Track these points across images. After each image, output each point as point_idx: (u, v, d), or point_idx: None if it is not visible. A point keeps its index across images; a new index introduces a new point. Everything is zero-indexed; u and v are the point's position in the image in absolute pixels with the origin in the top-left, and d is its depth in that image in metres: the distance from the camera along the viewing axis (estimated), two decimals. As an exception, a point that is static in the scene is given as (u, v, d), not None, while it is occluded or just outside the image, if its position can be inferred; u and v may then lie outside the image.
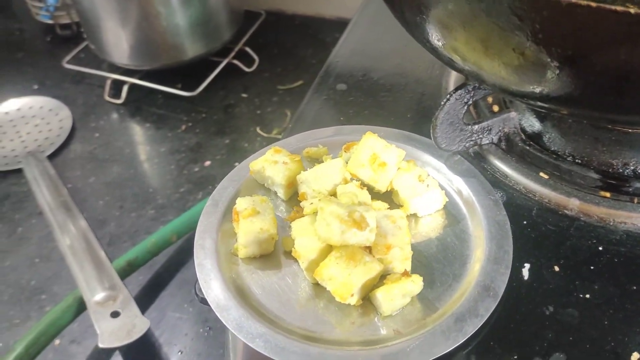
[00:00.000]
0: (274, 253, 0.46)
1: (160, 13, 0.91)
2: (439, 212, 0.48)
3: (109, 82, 1.00)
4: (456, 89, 0.48)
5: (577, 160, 0.50)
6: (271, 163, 0.49)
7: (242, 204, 0.46)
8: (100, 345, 0.59)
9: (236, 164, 0.86)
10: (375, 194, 0.48)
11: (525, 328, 0.40)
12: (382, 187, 0.48)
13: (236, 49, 1.02)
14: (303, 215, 0.46)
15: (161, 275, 0.73)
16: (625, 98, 0.35)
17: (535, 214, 0.47)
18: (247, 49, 1.03)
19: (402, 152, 0.48)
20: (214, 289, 0.43)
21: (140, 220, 0.80)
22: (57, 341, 0.65)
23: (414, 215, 0.47)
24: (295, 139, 0.54)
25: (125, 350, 0.66)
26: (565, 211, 0.47)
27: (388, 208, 0.46)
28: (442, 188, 0.48)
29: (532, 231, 0.46)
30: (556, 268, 0.44)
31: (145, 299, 0.67)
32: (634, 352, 0.38)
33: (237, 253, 0.45)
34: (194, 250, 0.45)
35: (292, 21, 1.12)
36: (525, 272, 0.43)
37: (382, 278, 0.42)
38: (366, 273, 0.41)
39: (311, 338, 0.41)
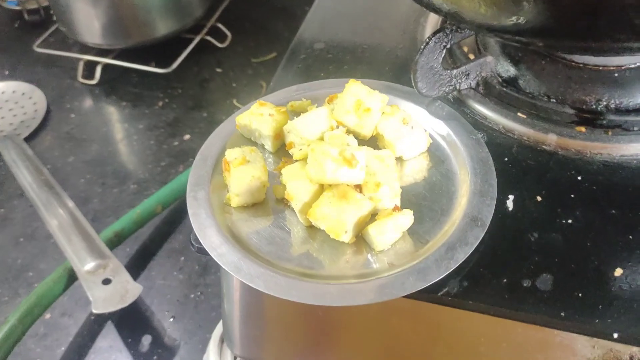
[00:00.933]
0: (265, 201, 0.47)
1: (131, -11, 0.90)
2: (424, 154, 0.49)
3: (81, 63, 0.98)
4: (434, 33, 0.49)
5: (552, 99, 0.52)
6: (257, 116, 0.50)
7: (231, 154, 0.46)
8: (95, 311, 0.59)
9: (216, 135, 0.87)
10: (361, 141, 0.49)
11: (512, 254, 0.42)
12: (367, 132, 0.49)
13: (208, 25, 1.02)
14: (292, 164, 0.47)
15: (148, 246, 0.73)
16: (598, 22, 0.37)
17: (516, 151, 0.49)
18: (219, 25, 1.03)
19: (385, 97, 0.49)
20: (210, 235, 0.43)
21: (122, 195, 0.80)
22: (47, 315, 0.64)
23: (400, 159, 0.48)
24: (279, 94, 0.55)
25: (118, 318, 0.66)
26: (544, 146, 0.49)
27: (375, 150, 0.47)
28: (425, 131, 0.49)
29: (514, 167, 0.48)
30: (539, 198, 0.45)
31: (134, 269, 0.67)
32: (617, 268, 0.41)
33: (230, 202, 0.46)
34: (187, 201, 0.46)
35: (262, -5, 1.12)
36: (510, 204, 0.45)
37: (373, 217, 0.44)
38: (358, 210, 0.42)
39: (308, 275, 0.42)
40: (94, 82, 0.97)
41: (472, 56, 0.57)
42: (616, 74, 0.52)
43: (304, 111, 0.52)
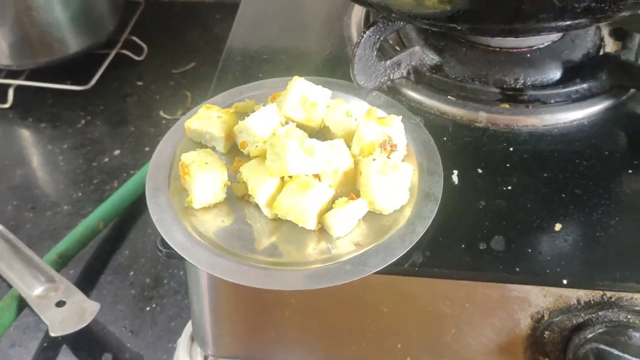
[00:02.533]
0: (225, 200, 0.48)
1: (39, 6, 0.86)
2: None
3: (-10, 87, 0.94)
4: (368, 27, 0.52)
5: (476, 81, 0.56)
6: (206, 119, 0.51)
7: (188, 157, 0.47)
8: (52, 334, 0.57)
9: (147, 148, 0.86)
10: (310, 134, 0.52)
11: (465, 221, 0.46)
12: (315, 125, 0.51)
13: (122, 39, 1.00)
14: (247, 162, 0.48)
15: (94, 265, 0.71)
16: (523, 5, 0.41)
17: (452, 130, 0.53)
18: (134, 38, 1.01)
19: (328, 91, 0.52)
20: (178, 237, 0.44)
21: (57, 217, 0.77)
22: (-7, 350, 0.62)
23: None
24: (221, 97, 0.56)
25: (73, 341, 0.64)
26: (476, 124, 0.54)
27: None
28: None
29: (453, 145, 0.52)
30: (479, 170, 0.50)
31: (82, 290, 0.64)
32: (556, 223, 0.45)
33: (192, 204, 0.46)
34: (149, 208, 0.46)
35: (172, 7, 1.11)
36: (455, 178, 0.49)
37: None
38: (320, 198, 0.44)
39: (280, 264, 0.43)
40: (6, 105, 0.92)
41: (398, 49, 0.61)
42: (528, 55, 0.58)
43: (249, 111, 0.54)
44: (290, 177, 0.45)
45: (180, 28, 1.06)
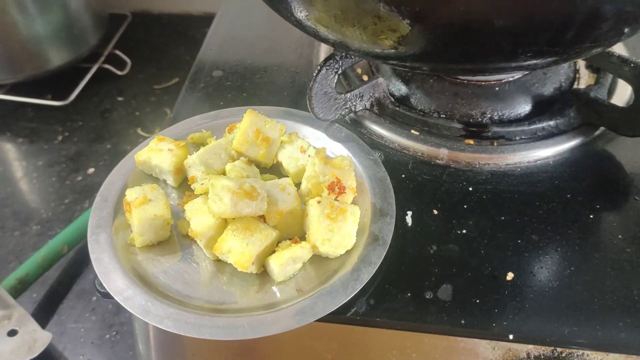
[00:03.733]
0: (170, 238, 0.47)
1: (18, 21, 0.86)
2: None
3: (-31, 101, 0.93)
4: (326, 60, 0.51)
5: (442, 115, 0.55)
6: (156, 152, 0.49)
7: (132, 194, 0.46)
8: (0, 367, 0.56)
9: (121, 167, 0.85)
10: (262, 169, 0.50)
11: (414, 268, 0.44)
12: (268, 161, 0.50)
13: (105, 53, 0.99)
14: (195, 198, 0.47)
15: (56, 290, 0.70)
16: (469, 46, 0.39)
17: (412, 167, 0.51)
18: (118, 52, 1.00)
19: (283, 125, 0.50)
20: (114, 280, 0.43)
21: (24, 237, 0.76)
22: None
23: (299, 185, 0.49)
24: (178, 127, 0.55)
25: (29, 370, 0.63)
26: (437, 161, 0.52)
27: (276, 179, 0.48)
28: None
29: (410, 182, 0.50)
30: (435, 211, 0.48)
31: (42, 315, 0.64)
32: (508, 272, 0.43)
33: (134, 243, 0.45)
34: (89, 245, 0.45)
35: (160, 20, 1.10)
36: (409, 219, 0.47)
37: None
38: (263, 240, 0.43)
39: (219, 310, 0.42)
40: (-15, 119, 0.92)
41: (365, 77, 0.60)
42: (497, 88, 0.56)
43: (204, 143, 0.53)
44: (234, 218, 0.44)
45: (166, 42, 1.05)
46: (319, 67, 0.50)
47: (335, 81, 0.51)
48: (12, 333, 0.59)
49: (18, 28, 0.87)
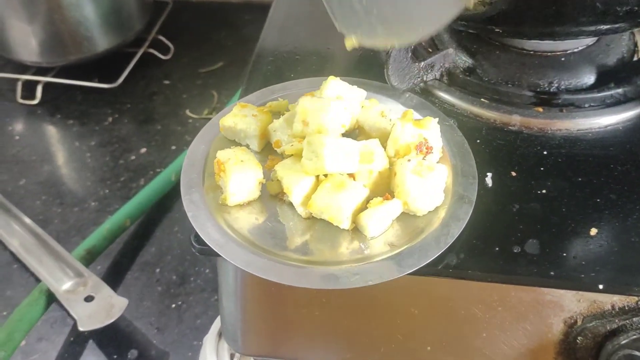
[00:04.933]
0: (259, 198, 0.48)
1: (70, 4, 0.88)
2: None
3: (19, 83, 0.95)
4: (404, 28, 0.52)
5: (510, 85, 0.56)
6: (241, 117, 0.51)
7: (224, 155, 0.47)
8: (81, 329, 0.58)
9: (173, 147, 0.87)
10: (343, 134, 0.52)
11: (499, 225, 0.46)
12: (349, 125, 0.51)
13: (150, 38, 1.01)
14: (281, 160, 0.48)
15: (120, 262, 0.72)
16: (563, 8, 0.41)
17: (485, 133, 0.53)
18: (161, 38, 1.02)
19: (363, 91, 0.52)
20: (212, 234, 0.44)
21: (84, 213, 0.78)
22: (22, 342, 0.62)
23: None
24: (254, 96, 0.56)
25: (99, 337, 0.64)
26: (510, 127, 0.53)
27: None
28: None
29: (486, 147, 0.52)
30: (513, 173, 0.49)
31: (109, 286, 0.65)
32: (592, 228, 0.45)
33: (227, 202, 0.47)
34: (184, 204, 0.46)
35: (200, 8, 1.12)
36: (489, 181, 0.49)
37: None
38: (356, 197, 0.44)
39: (314, 262, 0.43)
40: (35, 102, 0.94)
41: (430, 51, 0.61)
42: (562, 58, 0.57)
43: (282, 111, 0.54)
44: (325, 176, 0.45)
45: (208, 28, 1.07)
46: (398, 35, 0.51)
47: (411, 49, 0.53)
48: (89, 299, 0.60)
49: (70, 11, 0.89)
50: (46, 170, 0.84)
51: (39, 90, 0.94)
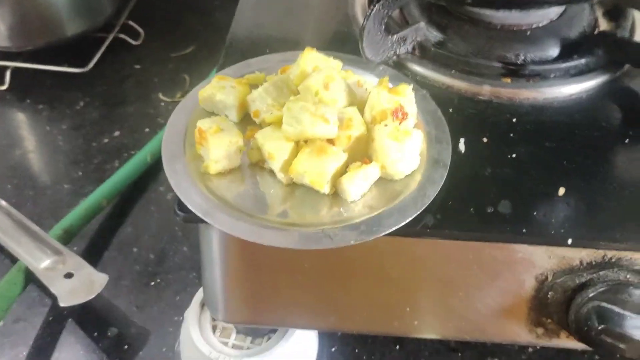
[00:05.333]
0: (240, 167, 0.49)
1: (36, -13, 0.87)
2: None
3: (-13, 69, 0.94)
4: (378, 0, 0.54)
5: (479, 57, 0.58)
6: (220, 88, 0.52)
7: (205, 124, 0.48)
8: (62, 304, 0.57)
9: (147, 129, 0.87)
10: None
11: (473, 187, 0.48)
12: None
13: (120, 22, 1.00)
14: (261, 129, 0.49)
15: (96, 242, 0.71)
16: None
17: (457, 103, 0.55)
18: (131, 23, 1.01)
19: (339, 62, 0.53)
20: (196, 200, 0.45)
21: (57, 195, 0.77)
22: (0, 323, 0.62)
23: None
24: (231, 69, 0.57)
25: (78, 315, 0.64)
26: (480, 97, 0.56)
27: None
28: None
29: (458, 116, 0.54)
30: (485, 140, 0.51)
31: (87, 265, 0.65)
32: (559, 188, 0.47)
33: (209, 170, 0.47)
34: (167, 174, 0.47)
35: (169, -7, 1.12)
36: (462, 146, 0.50)
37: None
38: (336, 161, 0.46)
39: (299, 225, 0.45)
40: (3, 87, 0.92)
41: (401, 26, 0.63)
42: (528, 32, 0.60)
43: (259, 83, 0.55)
44: (305, 142, 0.46)
45: (178, 13, 1.07)
46: (373, 6, 0.53)
47: (385, 21, 0.55)
48: (69, 276, 0.60)
49: (36, -6, 0.88)
50: (17, 154, 0.83)
51: (8, 75, 0.92)
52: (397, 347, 0.62)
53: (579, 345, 0.50)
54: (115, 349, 0.62)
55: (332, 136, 0.46)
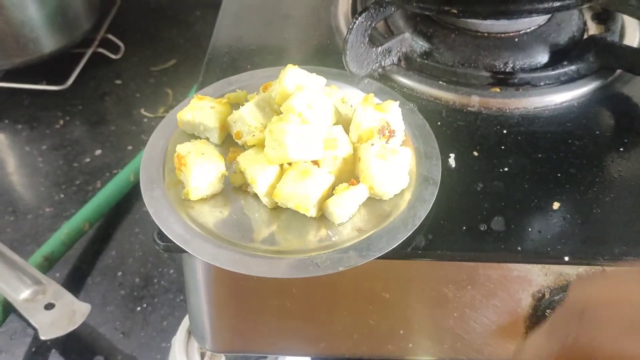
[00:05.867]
0: (223, 191, 0.47)
1: (12, 4, 0.84)
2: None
3: (-39, 90, 0.91)
4: (360, 13, 0.52)
5: (467, 66, 0.57)
6: (199, 110, 0.50)
7: (184, 148, 0.46)
8: (42, 338, 0.55)
9: (129, 147, 0.85)
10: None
11: (464, 204, 0.46)
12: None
13: (99, 37, 0.98)
14: (242, 152, 0.47)
15: (79, 267, 0.69)
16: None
17: (445, 115, 0.53)
18: (110, 37, 0.99)
19: (322, 78, 0.51)
20: (176, 229, 0.43)
21: (39, 220, 0.75)
22: (-20, 357, 0.60)
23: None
24: (211, 88, 0.55)
25: (62, 345, 0.62)
26: (469, 108, 0.54)
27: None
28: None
29: (447, 129, 0.52)
30: (475, 153, 0.50)
31: (70, 292, 0.63)
32: (554, 202, 0.46)
33: (189, 196, 0.45)
34: (145, 200, 0.45)
35: (148, 5, 1.09)
36: (452, 161, 0.49)
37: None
38: (321, 184, 0.44)
39: (283, 252, 0.43)
40: (-20, 108, 0.90)
41: (386, 37, 0.61)
42: (516, 39, 0.58)
43: (241, 102, 0.53)
44: (290, 164, 0.45)
45: (158, 26, 1.05)
46: (355, 20, 0.51)
47: (368, 34, 0.53)
48: (49, 306, 0.58)
49: (11, 12, 0.86)
50: (-5, 177, 0.81)
51: (-16, 95, 0.90)
52: (392, 367, 0.61)
53: (579, 362, 0.48)
54: (101, 380, 0.60)
55: (317, 158, 0.45)
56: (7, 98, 0.92)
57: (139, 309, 0.66)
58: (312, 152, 0.44)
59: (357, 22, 0.51)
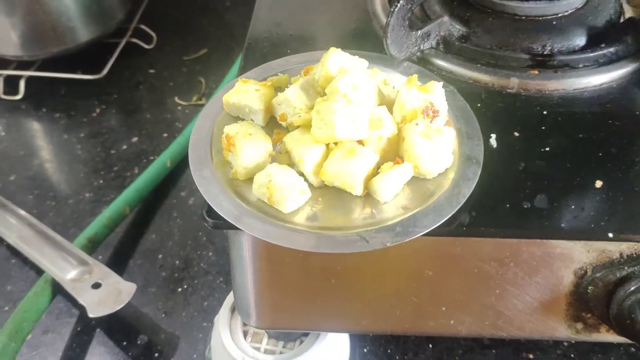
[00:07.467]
0: (269, 171, 0.48)
1: (48, -5, 0.87)
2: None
3: (1, 79, 0.93)
4: (402, -5, 0.53)
5: (505, 49, 0.57)
6: (244, 92, 0.51)
7: (232, 129, 0.47)
8: (91, 315, 0.57)
9: (165, 134, 0.87)
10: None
11: (507, 182, 0.47)
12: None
13: (132, 27, 1.00)
14: (286, 134, 0.48)
15: (120, 250, 0.71)
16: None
17: (485, 97, 0.54)
18: (143, 27, 1.01)
19: (365, 61, 0.52)
20: (227, 207, 0.44)
21: (79, 205, 0.77)
22: (27, 336, 0.61)
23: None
24: (254, 72, 0.56)
25: (106, 325, 0.64)
26: (508, 90, 0.54)
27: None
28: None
29: (487, 110, 0.53)
30: (516, 134, 0.50)
31: (112, 274, 0.65)
32: (596, 180, 0.46)
33: (237, 176, 0.47)
34: (195, 180, 0.46)
35: (179, -5, 1.11)
36: (493, 142, 0.50)
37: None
38: (366, 163, 0.45)
39: (331, 229, 0.44)
40: (18, 97, 0.92)
41: (423, 22, 0.62)
42: (554, 22, 0.58)
43: (283, 85, 0.54)
44: (335, 144, 0.46)
45: (189, 15, 1.07)
46: (396, 2, 0.52)
47: (408, 18, 0.54)
48: (96, 286, 0.60)
49: (49, 1, 0.88)
50: (36, 164, 0.83)
51: (22, 84, 0.92)
52: (430, 345, 0.62)
53: (619, 339, 0.49)
54: (145, 357, 0.62)
55: (363, 137, 0.46)
56: (45, 87, 0.94)
57: (180, 290, 0.67)
58: (358, 132, 0.45)
59: (398, 5, 0.52)
